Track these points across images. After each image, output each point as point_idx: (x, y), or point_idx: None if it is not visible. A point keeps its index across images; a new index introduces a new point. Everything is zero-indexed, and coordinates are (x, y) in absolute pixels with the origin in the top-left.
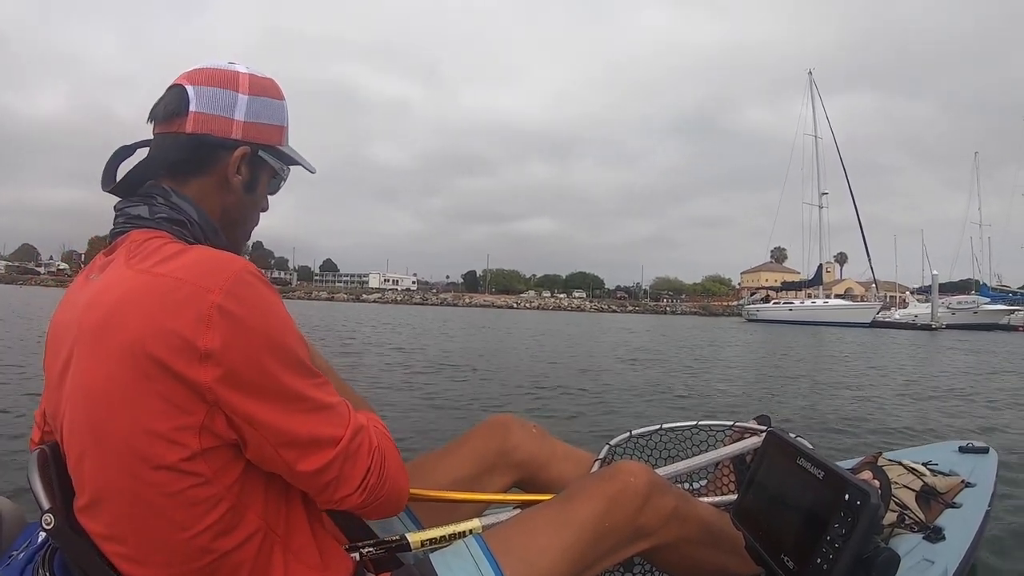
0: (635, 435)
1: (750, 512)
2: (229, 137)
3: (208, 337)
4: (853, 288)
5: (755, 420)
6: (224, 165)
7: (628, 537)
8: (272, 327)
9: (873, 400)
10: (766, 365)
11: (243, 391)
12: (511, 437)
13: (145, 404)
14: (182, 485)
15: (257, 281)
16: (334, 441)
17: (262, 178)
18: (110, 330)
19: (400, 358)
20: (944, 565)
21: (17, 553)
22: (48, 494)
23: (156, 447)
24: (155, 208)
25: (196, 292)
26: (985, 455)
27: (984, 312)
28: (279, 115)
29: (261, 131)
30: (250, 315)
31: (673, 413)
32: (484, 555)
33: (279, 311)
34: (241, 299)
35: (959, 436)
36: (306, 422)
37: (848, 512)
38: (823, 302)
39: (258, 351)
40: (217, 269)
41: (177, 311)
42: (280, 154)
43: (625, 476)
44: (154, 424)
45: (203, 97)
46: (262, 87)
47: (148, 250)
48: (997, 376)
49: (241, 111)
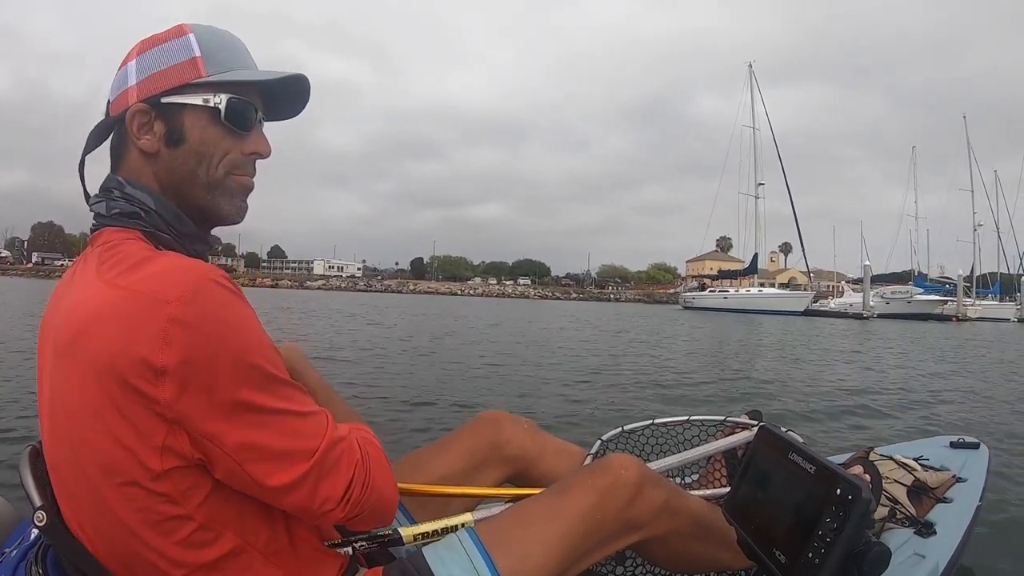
0: (627, 430)
1: (742, 506)
2: (126, 107)
3: (164, 354)
4: (797, 277)
5: (746, 415)
6: (131, 135)
7: (619, 529)
8: (233, 336)
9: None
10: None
11: (203, 407)
12: (502, 432)
13: (110, 422)
14: (148, 503)
15: (218, 288)
16: (307, 453)
17: (187, 123)
18: (78, 347)
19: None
20: (935, 560)
21: (10, 551)
22: (40, 491)
23: (122, 464)
24: (111, 204)
25: (153, 306)
26: (976, 450)
27: (918, 302)
28: (178, 52)
29: (156, 80)
30: (208, 326)
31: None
32: (476, 548)
33: (242, 318)
34: (199, 309)
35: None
36: (272, 435)
37: (839, 507)
38: (757, 290)
39: (217, 364)
40: (176, 280)
41: (136, 328)
42: (196, 87)
43: (616, 469)
44: (119, 442)
45: (111, 90)
46: (150, 41)
47: (117, 256)
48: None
49: (132, 76)
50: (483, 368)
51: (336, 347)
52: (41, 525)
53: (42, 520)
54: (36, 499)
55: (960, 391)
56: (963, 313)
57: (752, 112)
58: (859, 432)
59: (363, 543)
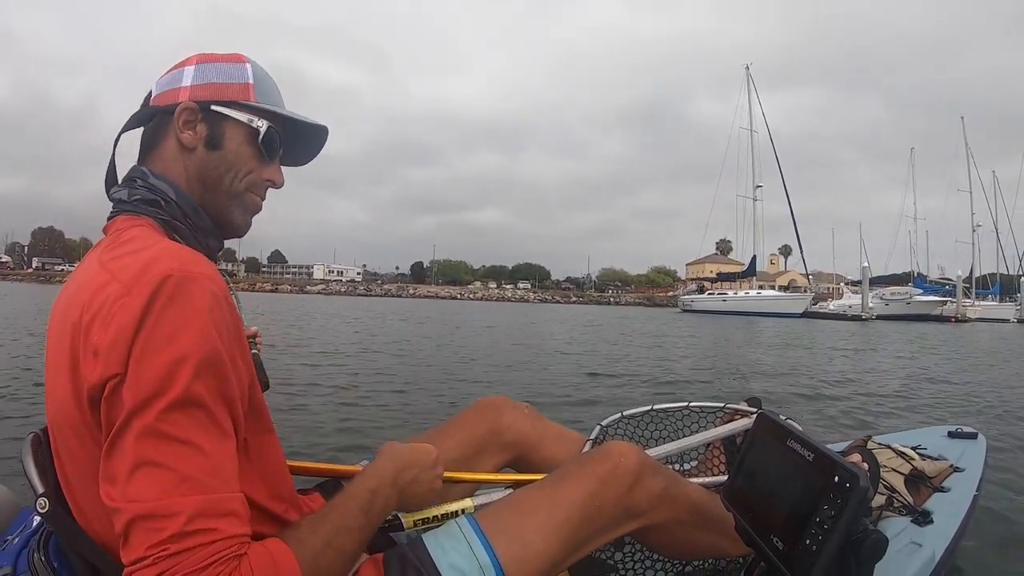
0: (627, 416)
1: (740, 493)
2: (176, 101)
3: (101, 334)
4: (797, 280)
5: (746, 402)
6: (175, 127)
7: (618, 517)
8: (170, 340)
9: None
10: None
11: (111, 398)
12: (503, 418)
13: (67, 386)
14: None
15: (192, 286)
16: (149, 512)
17: (227, 133)
18: (62, 319)
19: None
20: (932, 548)
21: (12, 538)
22: (42, 478)
23: (78, 426)
24: (134, 191)
25: (116, 289)
26: (974, 440)
27: (917, 303)
28: (236, 74)
29: (211, 89)
30: (152, 321)
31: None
32: (476, 534)
33: (201, 326)
34: (153, 303)
35: (947, 421)
36: (133, 460)
37: (837, 494)
38: (756, 293)
39: (137, 360)
40: (149, 269)
41: (97, 305)
42: (245, 107)
43: (616, 456)
44: (72, 405)
45: (160, 83)
46: (212, 57)
47: (122, 240)
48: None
49: (188, 78)
50: (483, 368)
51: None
52: (43, 512)
53: (44, 507)
54: (38, 486)
55: (958, 384)
56: (962, 314)
57: (750, 114)
58: (857, 422)
59: None
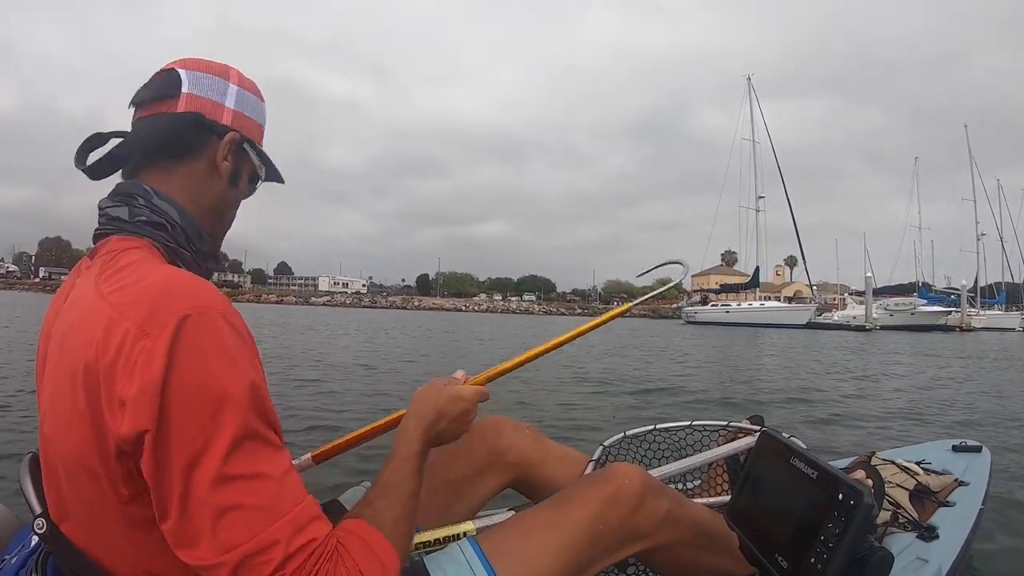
0: (629, 435)
1: (744, 512)
2: (220, 121)
3: (125, 384)
4: (802, 291)
5: (748, 420)
6: (213, 149)
7: (622, 539)
8: (205, 386)
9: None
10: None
11: (154, 455)
12: (504, 438)
13: (85, 431)
14: (122, 505)
15: (212, 320)
16: (251, 552)
17: (243, 174)
18: (67, 354)
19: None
20: (938, 564)
21: (10, 557)
22: (40, 498)
23: (95, 469)
24: (135, 210)
25: (130, 331)
26: (978, 454)
27: (921, 313)
28: (261, 114)
29: (246, 124)
30: (180, 369)
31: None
32: (478, 557)
33: (230, 362)
34: (178, 343)
35: (950, 435)
36: (212, 513)
37: (842, 512)
38: (760, 304)
39: (178, 412)
40: (163, 308)
41: (114, 348)
42: (261, 153)
43: (620, 478)
44: (92, 451)
45: (196, 80)
46: (250, 84)
47: (118, 267)
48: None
49: (232, 99)
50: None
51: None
52: (41, 532)
53: (42, 527)
54: (36, 506)
55: (961, 396)
56: (967, 323)
57: (751, 125)
58: (861, 437)
59: None
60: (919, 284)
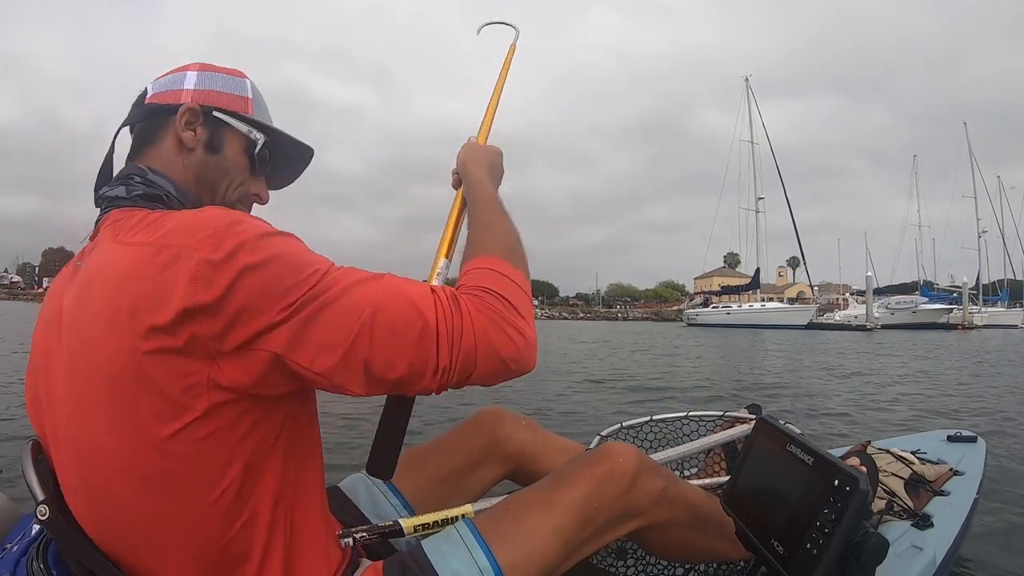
0: (626, 426)
1: (740, 498)
2: (177, 102)
3: (201, 293)
4: (805, 291)
5: (745, 409)
6: (175, 126)
7: (617, 518)
8: (271, 253)
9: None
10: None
11: (261, 326)
12: (502, 428)
13: (143, 374)
14: (191, 450)
15: (247, 220)
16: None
17: (226, 140)
18: (104, 305)
19: None
20: (932, 552)
21: (11, 546)
22: (43, 486)
23: (158, 416)
24: (132, 187)
25: (182, 253)
26: (973, 444)
27: (923, 312)
28: (237, 86)
29: (212, 96)
30: (244, 255)
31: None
32: (475, 539)
33: (280, 244)
34: (231, 246)
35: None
36: (321, 325)
37: (837, 498)
38: (760, 305)
39: (263, 281)
40: (201, 226)
41: (168, 276)
42: (244, 118)
43: (613, 457)
44: (154, 392)
45: (156, 85)
46: (213, 67)
47: (132, 222)
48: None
49: (190, 82)
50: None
51: None
52: (44, 519)
53: (45, 514)
54: (39, 493)
55: (958, 388)
56: (969, 321)
57: (750, 126)
58: (857, 427)
59: (363, 534)
60: (921, 282)
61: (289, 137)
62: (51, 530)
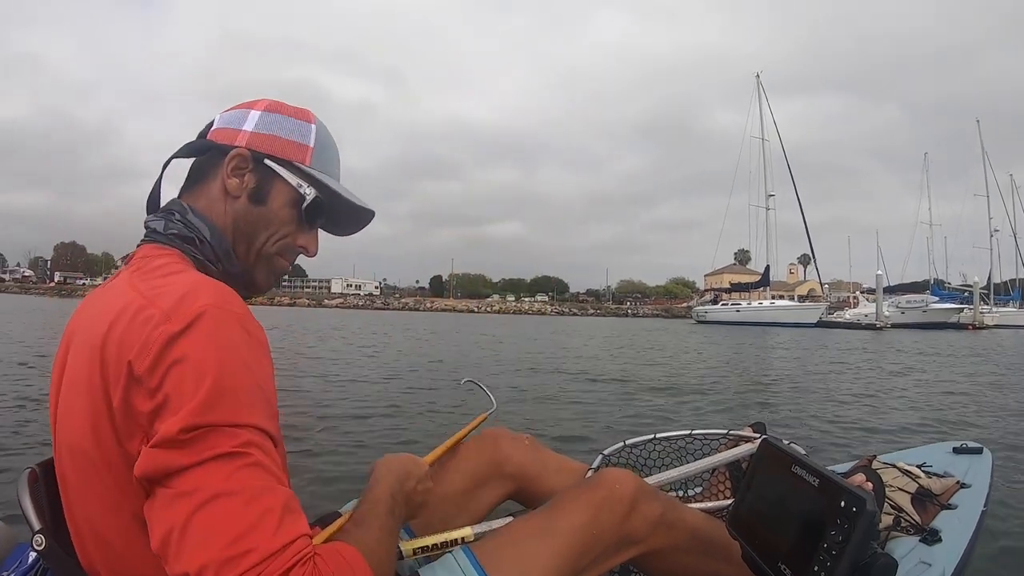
0: (629, 445)
1: (745, 520)
2: (232, 144)
3: (144, 364)
4: (816, 289)
5: (750, 428)
6: (223, 169)
7: (616, 544)
8: (220, 373)
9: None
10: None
11: (163, 431)
12: (502, 448)
13: (99, 410)
14: (133, 505)
15: (226, 320)
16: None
17: (273, 191)
18: (90, 331)
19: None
20: (942, 567)
21: (7, 574)
22: (39, 514)
23: (109, 452)
24: (170, 224)
25: (156, 317)
26: (979, 455)
27: (933, 311)
28: (299, 132)
29: (267, 141)
30: (191, 351)
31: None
32: (473, 567)
33: (242, 360)
34: (196, 334)
35: (952, 436)
36: (186, 493)
37: (844, 519)
38: (770, 303)
39: (188, 391)
40: (188, 299)
41: (136, 330)
42: (297, 170)
43: (611, 483)
44: (104, 430)
45: (223, 118)
46: (280, 106)
47: (150, 267)
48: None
49: (251, 123)
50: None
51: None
52: (40, 549)
53: (41, 544)
54: (35, 523)
55: (964, 397)
56: (980, 321)
57: (761, 123)
58: (862, 440)
59: None
60: (932, 281)
61: (341, 197)
62: (47, 560)
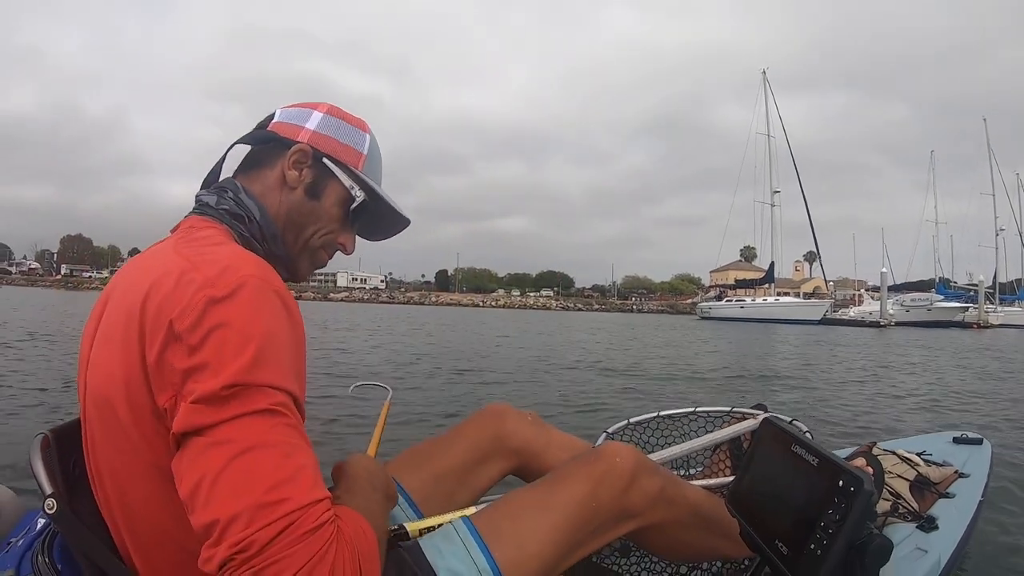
0: (632, 423)
1: (744, 498)
2: (295, 139)
3: (186, 323)
4: (822, 286)
5: (752, 407)
6: (285, 161)
7: (615, 517)
8: (254, 339)
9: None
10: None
11: (197, 390)
12: (506, 424)
13: (132, 363)
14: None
15: (267, 292)
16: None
17: (327, 189)
18: (133, 292)
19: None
20: (937, 554)
21: (16, 540)
22: (51, 479)
23: (138, 405)
24: (222, 200)
25: (199, 280)
26: (979, 446)
27: (938, 309)
28: (355, 139)
29: (327, 142)
30: (235, 317)
31: None
32: (473, 538)
33: (280, 326)
34: (235, 300)
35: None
36: (229, 458)
37: (842, 498)
38: (774, 300)
39: (230, 353)
40: (232, 269)
41: (180, 291)
42: (351, 173)
43: (611, 457)
44: (136, 382)
45: (285, 113)
46: (341, 112)
47: (195, 236)
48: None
49: (313, 123)
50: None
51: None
52: (51, 512)
53: (52, 508)
54: (46, 487)
55: (966, 390)
56: (984, 320)
57: (767, 119)
58: (863, 428)
59: None
60: (937, 280)
61: (388, 205)
62: (59, 524)
